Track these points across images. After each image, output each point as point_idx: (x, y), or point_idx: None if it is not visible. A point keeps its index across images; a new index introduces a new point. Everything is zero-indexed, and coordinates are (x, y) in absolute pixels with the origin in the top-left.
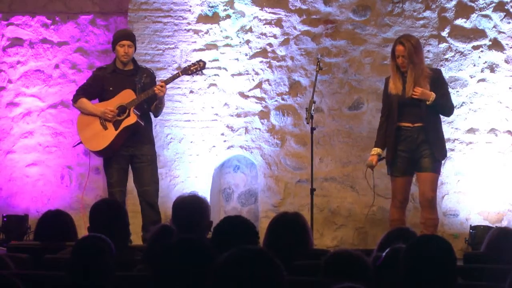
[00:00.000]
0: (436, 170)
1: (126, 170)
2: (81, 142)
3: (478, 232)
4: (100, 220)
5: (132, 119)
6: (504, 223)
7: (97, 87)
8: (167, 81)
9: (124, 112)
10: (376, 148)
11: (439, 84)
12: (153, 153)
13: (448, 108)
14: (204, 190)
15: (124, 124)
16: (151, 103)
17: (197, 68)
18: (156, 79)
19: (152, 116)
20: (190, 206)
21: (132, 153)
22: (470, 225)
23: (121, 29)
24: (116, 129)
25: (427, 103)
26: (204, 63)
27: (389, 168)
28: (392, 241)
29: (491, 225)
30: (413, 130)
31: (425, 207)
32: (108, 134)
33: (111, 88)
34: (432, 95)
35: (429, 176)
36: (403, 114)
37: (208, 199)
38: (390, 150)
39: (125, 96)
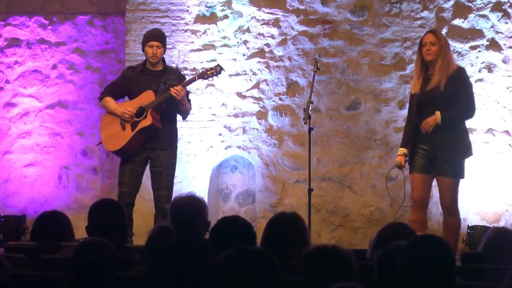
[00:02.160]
0: (455, 174)
1: (140, 172)
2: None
3: (476, 232)
4: (98, 221)
5: (148, 121)
6: (501, 223)
7: (124, 86)
8: (184, 85)
9: (143, 113)
10: (402, 148)
11: (457, 83)
12: (169, 158)
13: (464, 115)
14: (201, 190)
15: (140, 126)
16: (173, 106)
17: (213, 72)
18: None
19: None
20: (188, 206)
21: (149, 156)
22: (468, 225)
23: (151, 29)
24: (132, 130)
25: (438, 123)
26: (221, 68)
27: (409, 166)
28: (385, 237)
29: (488, 225)
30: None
31: (444, 211)
32: (125, 135)
33: (136, 88)
34: (438, 116)
35: (446, 182)
36: (422, 112)
37: (206, 199)
38: (410, 149)
39: (145, 97)
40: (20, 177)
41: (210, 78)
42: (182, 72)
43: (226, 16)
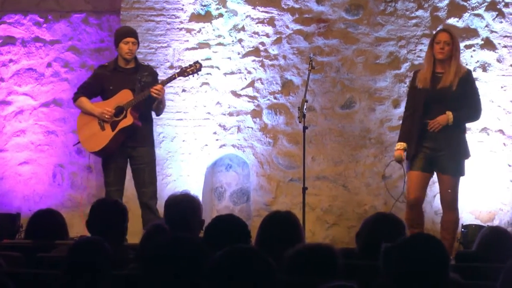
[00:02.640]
0: (457, 173)
1: (124, 169)
2: (79, 142)
3: (470, 231)
4: (100, 219)
5: (128, 120)
6: (495, 222)
7: (97, 86)
8: (164, 83)
9: (122, 112)
10: (401, 143)
11: (466, 85)
12: (151, 155)
13: (472, 116)
14: (196, 189)
15: (121, 125)
16: (150, 103)
17: (194, 70)
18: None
19: (154, 114)
20: (182, 205)
21: (129, 154)
22: (462, 224)
23: (124, 26)
24: (113, 130)
25: (449, 124)
26: (201, 65)
27: (408, 165)
28: (371, 228)
29: (482, 224)
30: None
31: (444, 209)
32: (105, 135)
33: (111, 87)
34: (449, 117)
35: (448, 179)
36: (429, 109)
37: (200, 198)
38: (413, 145)
39: (123, 96)
40: (15, 175)
41: (191, 76)
42: (154, 68)
43: (221, 15)
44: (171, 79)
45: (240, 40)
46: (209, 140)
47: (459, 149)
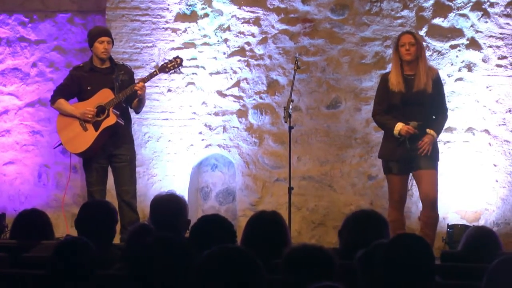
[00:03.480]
0: (436, 168)
1: (106, 169)
2: (61, 144)
3: (456, 231)
4: (90, 220)
5: (111, 119)
6: (481, 222)
7: (74, 87)
8: (145, 80)
9: (103, 112)
10: (398, 123)
11: (438, 86)
12: (131, 153)
13: (445, 120)
14: (182, 189)
15: (104, 125)
16: (130, 101)
17: (174, 65)
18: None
19: (132, 113)
20: (168, 205)
21: (111, 153)
22: (448, 224)
23: (97, 26)
24: (96, 130)
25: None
26: (181, 59)
27: (386, 167)
28: (352, 225)
29: (468, 224)
30: (417, 128)
31: (427, 206)
32: (88, 136)
33: (89, 88)
34: (434, 134)
35: (430, 174)
36: (407, 112)
37: (186, 198)
38: (389, 149)
39: (103, 95)
40: (0, 175)
41: (172, 71)
42: (128, 66)
43: (206, 15)
44: (152, 75)
45: (225, 40)
46: (194, 140)
47: (433, 147)
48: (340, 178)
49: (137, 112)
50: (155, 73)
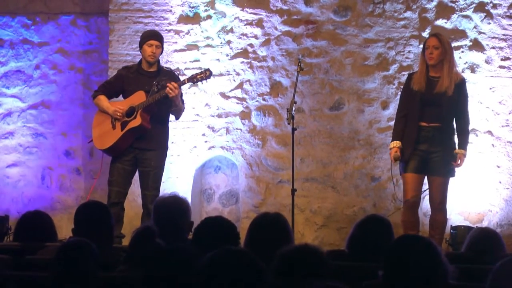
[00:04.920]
0: (447, 174)
1: (130, 171)
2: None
3: (459, 232)
4: (84, 222)
5: (137, 121)
6: (484, 224)
7: (117, 86)
8: (179, 84)
9: (133, 113)
10: (396, 141)
11: (460, 91)
12: (157, 159)
13: (468, 133)
14: (185, 191)
15: (130, 126)
16: (166, 107)
17: (203, 77)
18: None
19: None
20: (171, 206)
21: (137, 156)
22: (451, 226)
23: (150, 29)
24: (122, 130)
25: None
26: (211, 72)
27: (402, 167)
28: (362, 231)
29: (471, 225)
30: (429, 129)
31: (433, 209)
32: (114, 134)
33: (130, 88)
34: (463, 152)
35: (438, 180)
36: (424, 112)
37: (189, 200)
38: (408, 148)
39: (136, 97)
40: (3, 177)
41: (200, 82)
42: (176, 74)
43: (209, 17)
44: (181, 84)
45: (228, 42)
46: (198, 142)
47: (451, 151)
48: (343, 180)
49: (176, 118)
50: (184, 82)
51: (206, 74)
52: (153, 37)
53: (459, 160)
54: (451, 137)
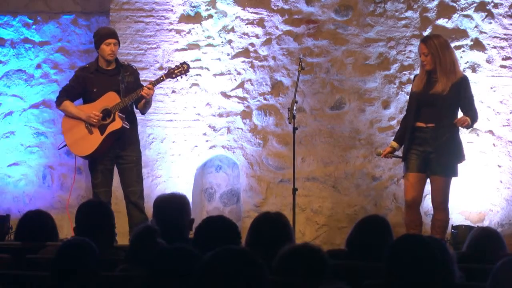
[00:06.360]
0: (447, 173)
1: (111, 170)
2: (66, 145)
3: (460, 231)
4: (86, 221)
5: (117, 124)
6: (485, 223)
7: (80, 88)
8: (153, 84)
9: (109, 115)
10: (393, 142)
11: (458, 90)
12: (138, 154)
13: (475, 119)
14: (186, 190)
15: (110, 129)
16: (136, 102)
17: (181, 71)
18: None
19: (137, 114)
20: (171, 204)
21: (117, 154)
22: (452, 225)
23: (104, 27)
24: (101, 134)
25: (469, 123)
26: (188, 66)
27: (404, 166)
28: (361, 232)
29: (472, 225)
30: (426, 130)
31: (434, 209)
32: (93, 139)
33: (95, 89)
34: (468, 119)
35: (438, 180)
36: (420, 113)
37: (190, 199)
38: (405, 148)
39: (109, 98)
40: (4, 176)
41: (179, 77)
42: (134, 66)
43: (210, 16)
44: (159, 81)
45: (229, 41)
46: (199, 141)
47: (449, 150)
48: (344, 179)
49: (142, 113)
50: (161, 78)
51: (184, 68)
52: (111, 35)
53: (462, 119)
54: (450, 136)
